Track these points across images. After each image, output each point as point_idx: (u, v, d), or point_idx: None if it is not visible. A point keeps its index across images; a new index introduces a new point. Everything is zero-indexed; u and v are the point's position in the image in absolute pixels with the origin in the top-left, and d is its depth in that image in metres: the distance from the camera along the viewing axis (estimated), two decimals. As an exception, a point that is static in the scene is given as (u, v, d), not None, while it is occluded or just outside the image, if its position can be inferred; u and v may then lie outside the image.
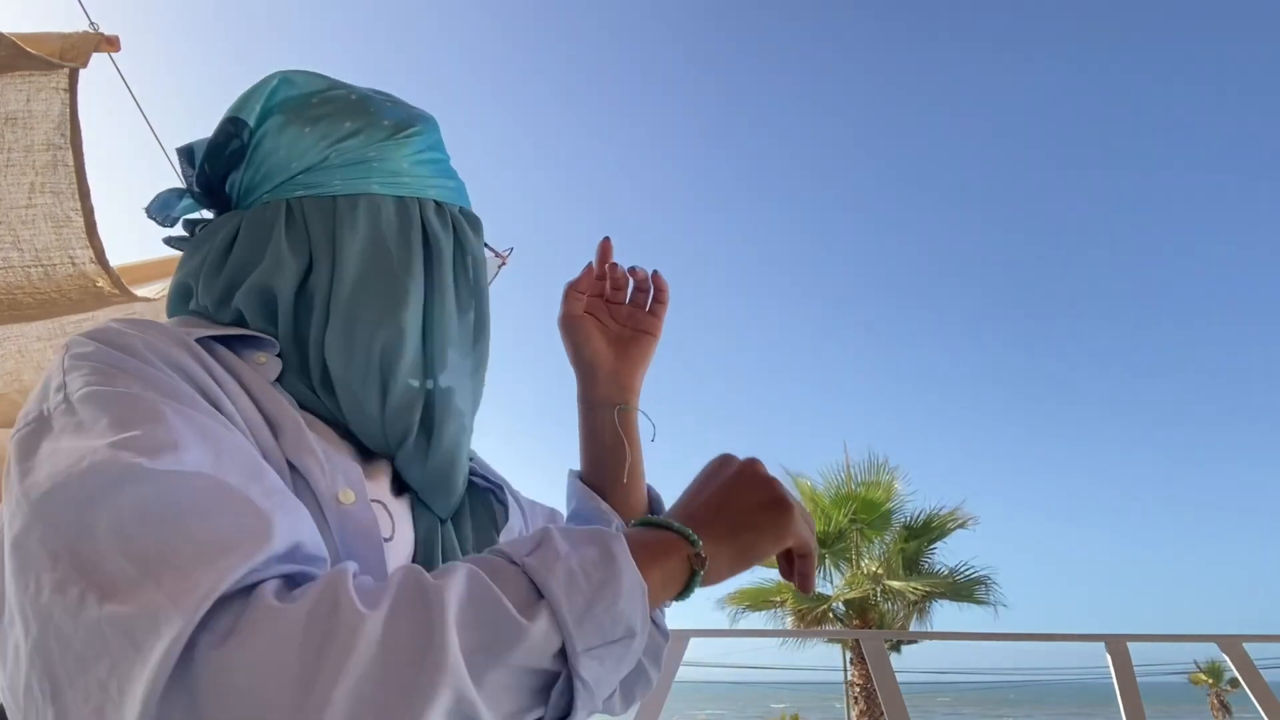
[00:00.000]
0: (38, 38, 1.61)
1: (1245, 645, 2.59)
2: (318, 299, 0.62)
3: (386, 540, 0.58)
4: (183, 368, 0.52)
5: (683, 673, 2.58)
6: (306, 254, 0.63)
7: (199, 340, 0.57)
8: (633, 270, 0.85)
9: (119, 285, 1.97)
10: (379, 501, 0.60)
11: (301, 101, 0.66)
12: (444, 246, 0.67)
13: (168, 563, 0.39)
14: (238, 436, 0.50)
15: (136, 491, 0.41)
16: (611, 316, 0.85)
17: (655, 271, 0.85)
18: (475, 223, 0.72)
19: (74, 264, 1.87)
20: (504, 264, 0.79)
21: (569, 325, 0.83)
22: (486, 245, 0.75)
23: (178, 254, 0.71)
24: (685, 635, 2.60)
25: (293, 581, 0.42)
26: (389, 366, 0.62)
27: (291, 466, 0.54)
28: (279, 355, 0.61)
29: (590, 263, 0.84)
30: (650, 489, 0.85)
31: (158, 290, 2.24)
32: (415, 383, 0.63)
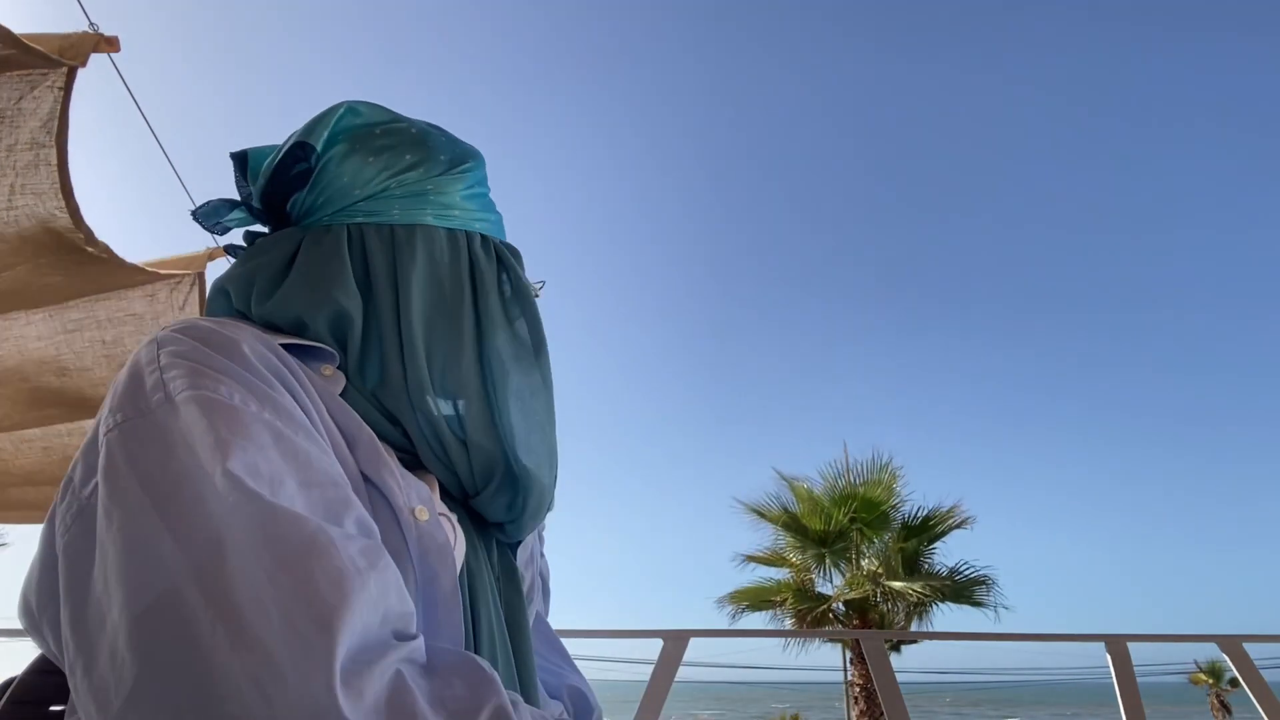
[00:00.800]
0: (36, 38, 1.61)
1: (1245, 645, 2.59)
2: (386, 324, 0.64)
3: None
4: (278, 373, 0.54)
5: (683, 673, 2.58)
6: (366, 278, 0.66)
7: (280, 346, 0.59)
8: None
9: (107, 251, 1.96)
10: (444, 515, 0.62)
11: (365, 131, 0.69)
12: (489, 277, 0.70)
13: (291, 613, 0.40)
14: (327, 462, 0.50)
15: (253, 523, 0.42)
16: None
17: None
18: (516, 255, 0.75)
19: (61, 243, 1.87)
20: (537, 296, 0.81)
21: None
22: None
23: (170, 254, 0.73)
24: (685, 635, 2.60)
25: (433, 670, 0.44)
26: (461, 403, 0.64)
27: (368, 480, 0.55)
28: (339, 368, 0.63)
29: None
30: None
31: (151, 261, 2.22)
32: (485, 419, 0.65)
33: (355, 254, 0.66)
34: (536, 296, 0.81)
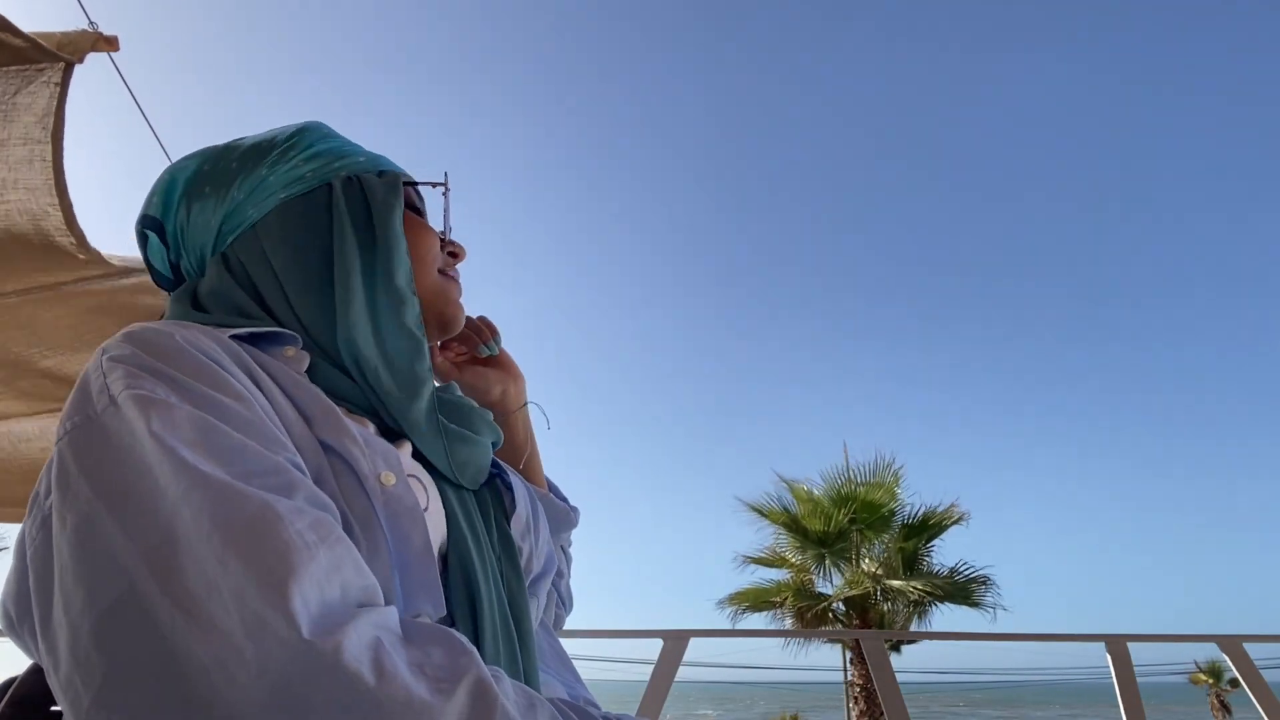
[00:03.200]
0: (35, 35, 1.61)
1: (1245, 645, 2.59)
2: (284, 315, 0.66)
3: (424, 510, 0.60)
4: (221, 364, 0.54)
5: (683, 673, 2.58)
6: (251, 284, 0.67)
7: (231, 337, 0.59)
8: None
9: (98, 258, 1.96)
10: (413, 476, 0.63)
11: (196, 178, 0.71)
12: (351, 217, 0.69)
13: (242, 592, 0.40)
14: (266, 451, 0.50)
15: (199, 508, 0.43)
16: (468, 350, 0.94)
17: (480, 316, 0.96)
18: (391, 179, 0.72)
19: (53, 244, 1.86)
20: (446, 189, 0.79)
21: (467, 373, 0.92)
22: (419, 183, 0.77)
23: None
24: (685, 635, 2.60)
25: (410, 641, 0.44)
26: (363, 352, 0.65)
27: (331, 450, 0.56)
28: (303, 349, 0.64)
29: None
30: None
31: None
32: (386, 355, 0.66)
33: (236, 271, 0.68)
34: (446, 190, 0.79)
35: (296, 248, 0.67)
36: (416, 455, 0.67)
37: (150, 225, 0.72)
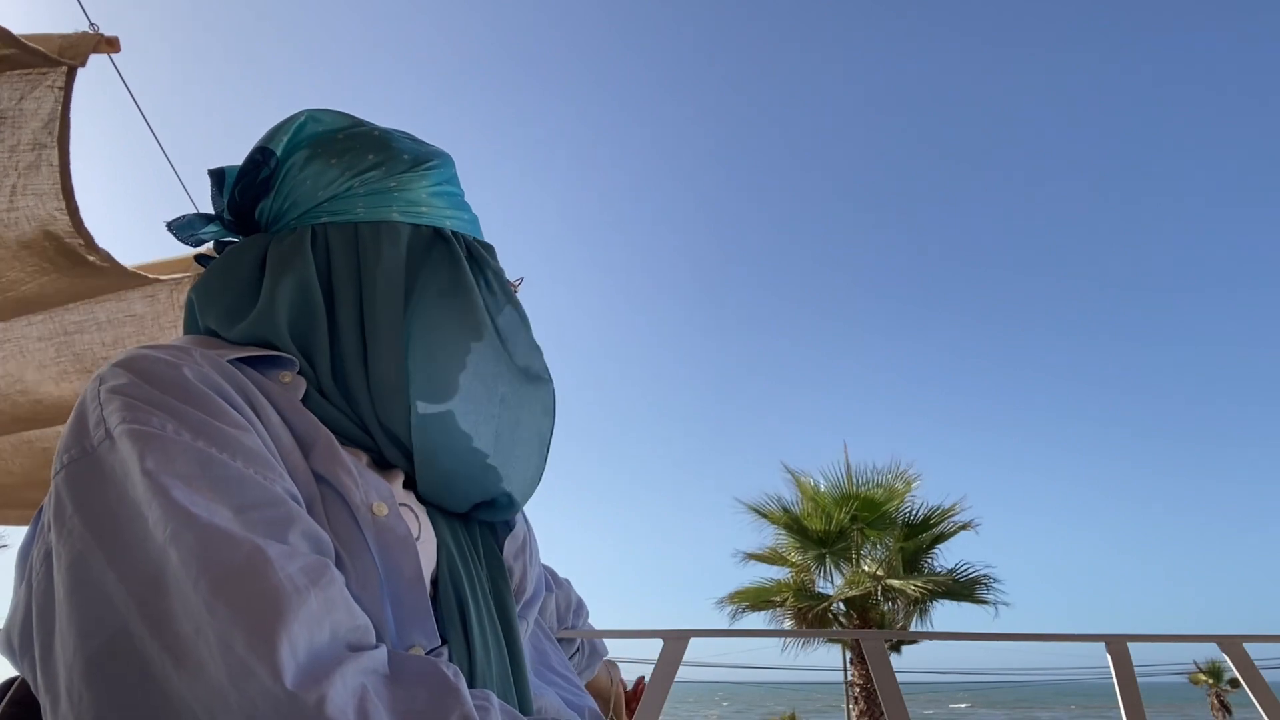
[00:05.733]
0: (36, 38, 1.61)
1: (1245, 645, 2.58)
2: (343, 321, 0.65)
3: (416, 539, 0.60)
4: (223, 392, 0.54)
5: (683, 673, 2.56)
6: (329, 278, 0.66)
7: (230, 361, 0.58)
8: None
9: (109, 260, 1.96)
10: (405, 505, 0.62)
11: (327, 137, 0.70)
12: (458, 273, 0.69)
13: (228, 639, 0.41)
14: (266, 483, 0.50)
15: (189, 551, 0.43)
16: None
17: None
18: (490, 250, 0.75)
19: (61, 250, 1.87)
20: (515, 292, 0.80)
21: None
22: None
23: (171, 255, 0.73)
24: (685, 635, 2.59)
25: (396, 680, 0.45)
26: (402, 389, 0.63)
27: (324, 480, 0.55)
28: (300, 374, 0.63)
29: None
30: None
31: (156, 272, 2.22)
32: (424, 403, 0.64)
33: (319, 254, 0.66)
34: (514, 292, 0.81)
35: (394, 276, 0.66)
36: (408, 484, 0.66)
37: (264, 156, 0.69)
